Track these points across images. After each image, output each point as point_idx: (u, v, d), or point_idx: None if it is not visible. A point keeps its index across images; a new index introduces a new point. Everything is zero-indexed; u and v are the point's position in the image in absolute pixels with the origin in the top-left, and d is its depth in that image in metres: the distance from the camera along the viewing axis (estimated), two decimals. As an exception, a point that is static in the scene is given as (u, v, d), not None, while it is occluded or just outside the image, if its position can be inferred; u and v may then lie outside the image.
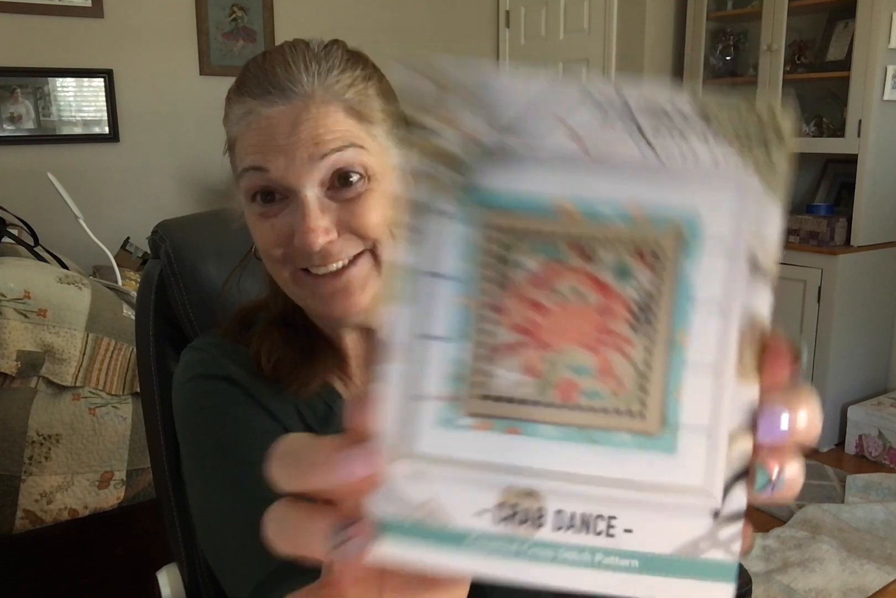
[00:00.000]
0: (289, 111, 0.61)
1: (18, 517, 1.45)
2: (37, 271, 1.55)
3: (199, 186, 3.31)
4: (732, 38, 3.18)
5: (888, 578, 1.99)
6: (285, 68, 0.62)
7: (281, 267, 0.64)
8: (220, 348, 0.71)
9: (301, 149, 0.60)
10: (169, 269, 0.87)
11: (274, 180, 0.61)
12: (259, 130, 0.61)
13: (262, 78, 0.62)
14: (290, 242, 0.61)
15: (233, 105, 0.65)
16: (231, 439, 0.63)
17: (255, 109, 0.62)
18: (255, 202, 0.63)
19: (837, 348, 2.75)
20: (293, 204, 0.61)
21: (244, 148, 0.63)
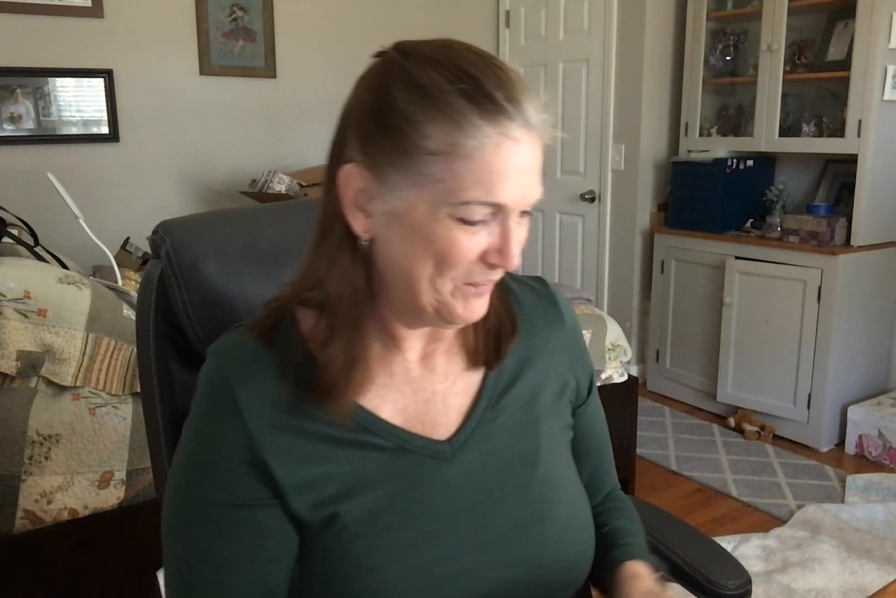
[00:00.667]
0: (529, 139, 0.63)
1: (18, 517, 1.45)
2: (37, 271, 1.55)
3: (199, 186, 3.32)
4: (732, 38, 3.19)
5: (888, 578, 1.99)
6: (526, 95, 0.63)
7: (448, 280, 0.66)
8: (241, 359, 0.70)
9: (531, 189, 0.65)
10: (170, 269, 0.86)
11: (499, 210, 0.64)
12: (510, 155, 0.62)
13: (510, 99, 0.62)
14: (482, 259, 0.65)
15: (473, 118, 0.61)
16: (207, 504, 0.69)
17: (512, 133, 0.62)
18: (463, 223, 0.64)
19: (837, 348, 2.75)
20: (494, 226, 0.65)
21: (484, 173, 0.62)
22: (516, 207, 0.64)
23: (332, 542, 0.68)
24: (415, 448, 0.72)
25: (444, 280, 0.66)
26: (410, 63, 0.63)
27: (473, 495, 0.73)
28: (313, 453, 0.69)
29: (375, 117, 0.64)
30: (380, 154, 0.64)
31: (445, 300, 0.67)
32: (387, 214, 0.65)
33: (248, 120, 3.37)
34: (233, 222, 0.95)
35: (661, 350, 3.36)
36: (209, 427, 0.69)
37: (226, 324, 0.87)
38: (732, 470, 2.66)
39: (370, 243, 0.68)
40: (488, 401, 0.77)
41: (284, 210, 1.05)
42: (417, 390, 0.74)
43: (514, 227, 0.65)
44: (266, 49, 3.34)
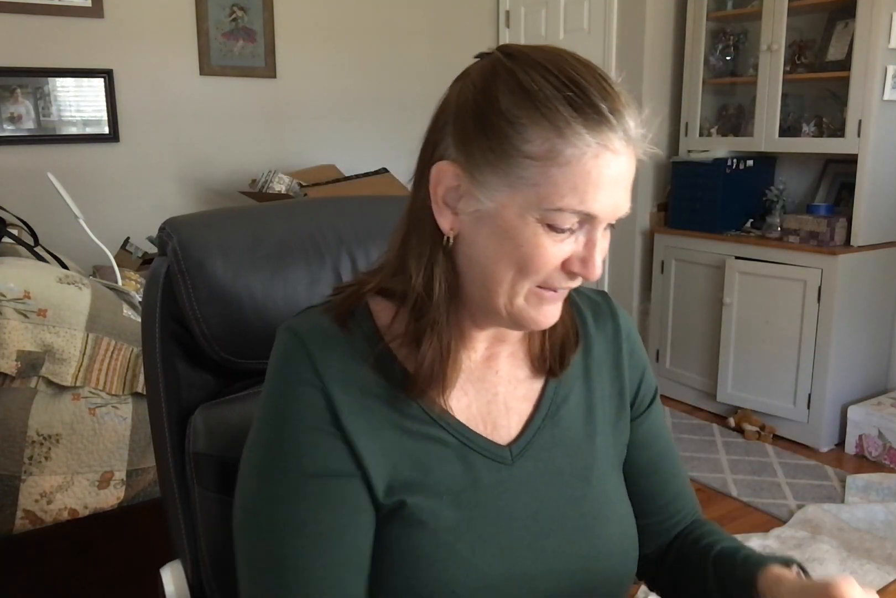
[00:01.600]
0: (627, 152, 0.64)
1: (18, 517, 1.45)
2: (37, 271, 1.55)
3: (199, 186, 3.31)
4: (732, 39, 3.19)
5: (888, 578, 1.99)
6: (625, 106, 0.64)
7: (528, 283, 0.67)
8: (318, 338, 0.71)
9: (622, 202, 0.65)
10: (176, 266, 0.86)
11: (588, 219, 0.65)
12: (607, 166, 0.63)
13: (613, 109, 0.62)
14: (564, 265, 0.66)
15: (576, 126, 0.61)
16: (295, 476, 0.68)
17: (612, 146, 0.62)
18: (551, 229, 0.65)
19: (837, 348, 2.75)
20: (578, 234, 0.66)
21: (581, 182, 0.62)
22: (605, 219, 0.65)
23: (398, 531, 0.69)
24: (477, 448, 0.72)
25: (523, 284, 0.66)
26: (517, 66, 0.64)
27: (530, 504, 0.73)
28: (385, 438, 0.69)
29: (476, 116, 0.64)
30: (477, 153, 0.64)
31: (520, 304, 0.68)
32: (476, 213, 0.66)
33: (248, 120, 3.36)
34: (239, 220, 0.95)
35: (661, 350, 3.36)
36: (290, 398, 0.69)
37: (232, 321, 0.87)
38: (732, 470, 2.66)
39: (455, 241, 0.69)
40: (548, 410, 0.77)
41: (291, 208, 1.05)
42: (480, 390, 0.75)
43: (600, 238, 0.66)
44: (266, 49, 3.34)
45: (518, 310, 0.68)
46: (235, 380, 0.93)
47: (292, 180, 3.09)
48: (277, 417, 0.69)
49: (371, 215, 1.01)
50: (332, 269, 0.93)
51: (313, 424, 0.68)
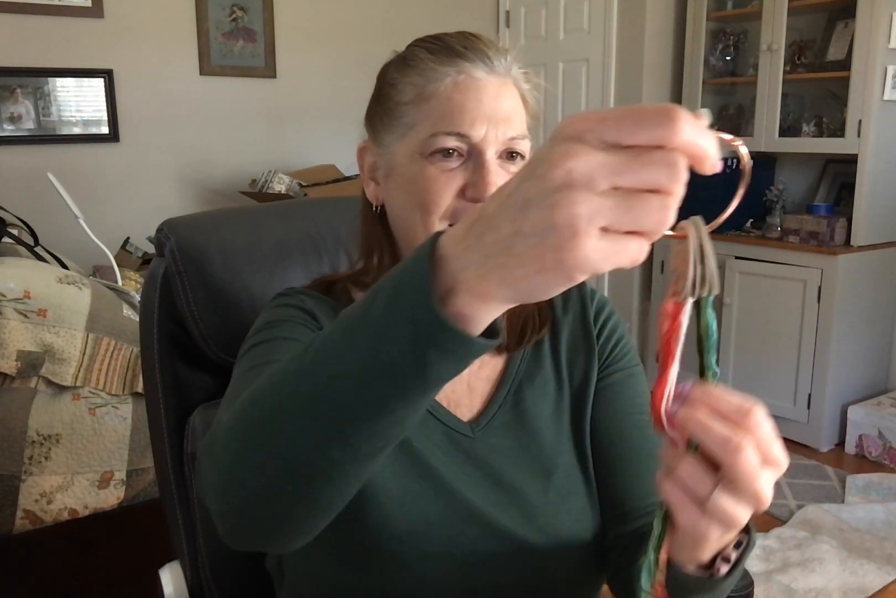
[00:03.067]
0: (494, 81, 0.69)
1: (18, 517, 1.45)
2: (37, 271, 1.55)
3: (199, 186, 3.32)
4: (732, 39, 3.19)
5: (888, 578, 1.99)
6: (487, 46, 0.70)
7: (437, 221, 0.68)
8: (310, 296, 0.76)
9: (500, 122, 0.68)
10: (174, 267, 0.86)
11: (467, 143, 0.68)
12: (467, 90, 0.68)
13: (468, 47, 0.69)
14: (461, 195, 0.68)
15: (431, 63, 0.69)
16: (269, 340, 0.69)
17: (467, 70, 0.68)
18: (433, 157, 0.68)
19: (837, 348, 2.75)
20: (471, 163, 0.68)
21: (446, 107, 0.68)
22: (488, 143, 0.67)
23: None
24: (442, 418, 0.75)
25: (432, 222, 0.68)
26: (404, 49, 0.74)
27: (490, 475, 0.74)
28: None
29: (374, 95, 0.75)
30: (376, 122, 0.73)
31: None
32: (385, 173, 0.73)
33: (248, 120, 3.37)
34: (237, 221, 0.95)
35: (661, 350, 3.35)
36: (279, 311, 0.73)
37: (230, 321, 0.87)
38: (732, 470, 2.66)
39: (383, 209, 0.74)
40: (509, 388, 0.78)
41: (289, 209, 1.06)
42: None
43: (492, 164, 0.67)
44: (266, 49, 3.34)
45: None
46: (234, 380, 0.93)
47: (292, 180, 3.09)
48: (266, 322, 0.72)
49: (370, 216, 1.01)
50: (330, 269, 0.93)
51: (297, 320, 0.71)
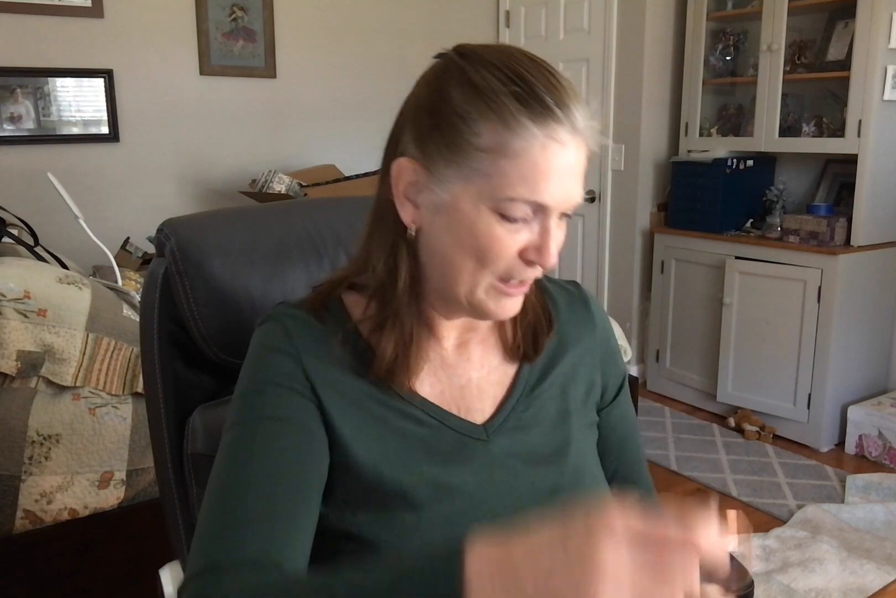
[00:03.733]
0: (575, 143, 0.66)
1: (18, 517, 1.45)
2: (37, 271, 1.55)
3: (199, 186, 3.31)
4: (732, 38, 3.19)
5: (888, 578, 1.99)
6: (572, 98, 0.66)
7: (489, 275, 0.69)
8: (296, 321, 0.74)
9: (573, 192, 0.67)
10: (174, 267, 0.86)
11: (541, 209, 0.66)
12: (555, 157, 0.65)
13: (559, 102, 0.65)
14: (521, 255, 0.68)
15: (523, 119, 0.64)
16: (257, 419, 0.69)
17: (559, 137, 0.65)
18: (504, 219, 0.66)
19: (837, 348, 2.75)
20: (535, 225, 0.67)
21: (531, 172, 0.65)
22: (557, 208, 0.67)
23: (377, 489, 0.70)
24: (454, 426, 0.75)
25: (483, 274, 0.69)
26: (467, 64, 0.67)
27: (507, 479, 0.75)
28: (358, 414, 0.72)
29: (431, 114, 0.68)
30: (433, 148, 0.68)
31: (480, 296, 0.70)
32: (434, 206, 0.69)
33: (248, 120, 3.36)
34: (237, 221, 0.95)
35: (661, 350, 3.36)
36: (266, 362, 0.72)
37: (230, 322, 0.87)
38: (732, 470, 2.66)
39: (416, 234, 0.71)
40: (522, 392, 0.79)
41: (288, 209, 1.05)
42: (453, 376, 0.77)
43: (554, 227, 0.68)
44: (266, 49, 3.34)
45: (478, 301, 0.70)
46: (234, 381, 0.92)
47: (292, 180, 3.09)
48: (253, 378, 0.72)
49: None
50: (330, 269, 0.93)
51: (287, 383, 0.71)
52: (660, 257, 3.30)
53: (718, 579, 0.48)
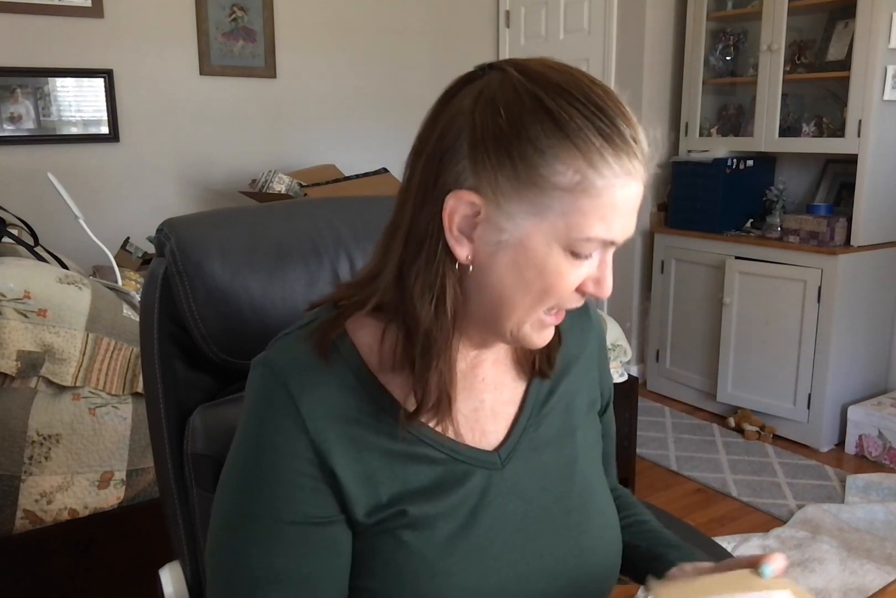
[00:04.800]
0: (639, 192, 0.64)
1: (18, 517, 1.45)
2: (37, 271, 1.55)
3: (199, 186, 3.32)
4: (732, 38, 3.19)
5: (888, 578, 1.99)
6: (639, 136, 0.63)
7: (541, 309, 0.66)
8: (298, 370, 0.68)
9: (633, 225, 0.65)
10: (174, 267, 0.86)
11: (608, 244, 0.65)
12: (628, 199, 0.63)
13: (637, 140, 0.63)
14: (579, 287, 0.66)
15: (609, 158, 0.61)
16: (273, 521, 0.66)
17: (637, 174, 0.63)
18: (577, 256, 0.65)
19: (837, 348, 2.75)
20: (592, 259, 0.65)
21: (609, 212, 0.62)
22: (622, 243, 0.66)
23: (392, 547, 0.68)
24: (466, 460, 0.72)
25: (537, 310, 0.66)
26: (539, 89, 0.61)
27: (522, 506, 0.73)
28: (373, 465, 0.68)
29: (501, 143, 0.61)
30: (502, 181, 0.61)
31: (526, 330, 0.68)
32: (497, 242, 0.63)
33: (248, 120, 3.37)
34: (237, 220, 0.95)
35: (661, 350, 3.36)
36: (268, 438, 0.66)
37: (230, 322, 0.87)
38: (732, 470, 2.66)
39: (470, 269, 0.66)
40: (532, 409, 0.77)
41: (289, 209, 1.05)
42: (467, 399, 0.74)
43: (610, 258, 0.67)
44: (266, 49, 3.35)
45: (523, 335, 0.68)
46: (234, 381, 0.93)
47: (292, 180, 3.09)
48: (255, 455, 0.67)
49: (370, 216, 1.01)
50: (330, 269, 0.93)
51: (294, 469, 0.65)
52: (660, 257, 3.30)
53: None
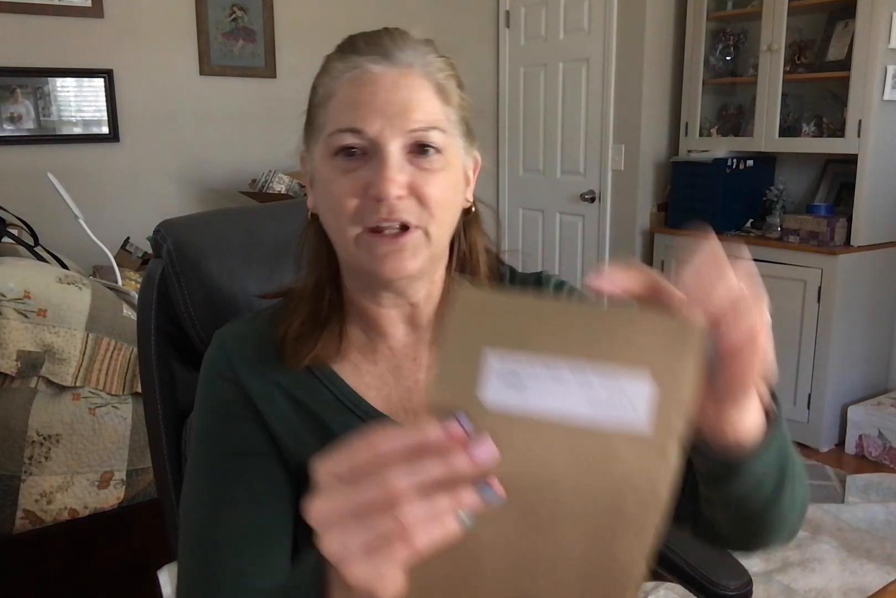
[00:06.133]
0: (392, 72, 0.67)
1: (18, 517, 1.45)
2: (37, 271, 1.55)
3: (199, 186, 3.32)
4: (732, 38, 3.19)
5: (888, 578, 1.99)
6: (391, 40, 0.69)
7: (348, 225, 0.67)
8: (241, 338, 0.75)
9: (397, 115, 0.66)
10: (171, 268, 0.87)
11: (365, 139, 0.66)
12: (361, 85, 0.66)
13: (369, 42, 0.68)
14: (366, 194, 0.66)
15: (334, 62, 0.69)
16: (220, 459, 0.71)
17: (362, 65, 0.67)
18: (337, 157, 0.67)
19: (837, 348, 2.75)
20: (374, 160, 0.66)
21: (342, 104, 0.67)
22: (385, 137, 0.65)
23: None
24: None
25: (344, 226, 0.67)
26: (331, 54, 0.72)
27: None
28: (300, 427, 0.72)
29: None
30: (306, 129, 0.73)
31: (354, 251, 0.68)
32: (310, 180, 0.72)
33: (248, 120, 3.36)
34: (234, 221, 0.95)
35: (661, 350, 3.35)
36: (210, 390, 0.74)
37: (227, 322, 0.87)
38: (732, 470, 2.66)
39: (315, 216, 0.73)
40: None
41: (285, 209, 1.06)
42: (400, 379, 0.75)
43: (393, 158, 0.65)
44: (266, 49, 3.34)
45: (356, 258, 0.69)
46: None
47: (292, 180, 3.09)
48: (202, 409, 0.74)
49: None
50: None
51: (229, 410, 0.72)
52: (660, 257, 3.30)
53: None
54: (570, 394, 0.39)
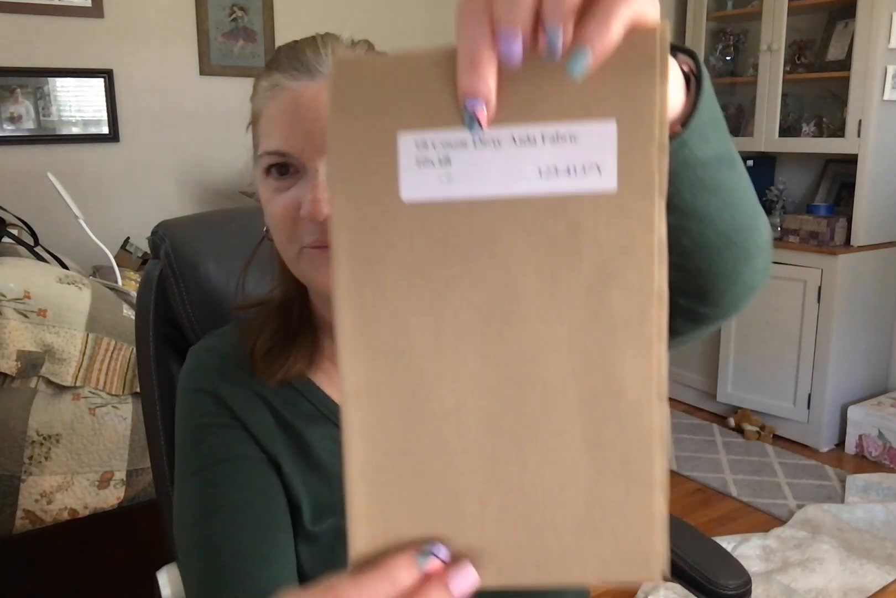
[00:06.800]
0: (311, 87, 0.63)
1: (18, 517, 1.45)
2: (37, 271, 1.55)
3: (199, 186, 3.32)
4: (732, 38, 3.19)
5: (888, 578, 1.99)
6: (314, 51, 0.65)
7: (288, 244, 0.66)
8: (216, 353, 0.74)
9: (318, 132, 0.62)
10: (169, 269, 0.87)
11: (291, 159, 0.64)
12: (282, 102, 0.64)
13: (290, 56, 0.65)
14: (298, 214, 0.64)
15: (260, 80, 0.67)
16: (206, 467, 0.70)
17: (281, 83, 0.64)
18: (269, 177, 0.66)
19: (837, 348, 2.75)
20: (303, 179, 0.64)
21: (267, 125, 0.65)
22: (309, 156, 0.62)
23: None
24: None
25: (284, 245, 0.66)
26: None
27: None
28: (280, 439, 0.71)
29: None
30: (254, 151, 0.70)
31: (301, 267, 0.67)
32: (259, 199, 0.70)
33: (248, 120, 3.36)
34: (232, 222, 0.95)
35: (661, 350, 3.35)
36: (192, 408, 0.73)
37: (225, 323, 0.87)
38: (732, 470, 2.66)
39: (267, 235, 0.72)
40: None
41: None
42: None
43: (321, 176, 0.62)
44: (266, 49, 3.34)
45: (301, 272, 0.67)
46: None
47: (292, 180, 3.09)
48: (182, 424, 0.74)
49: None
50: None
51: (217, 421, 0.71)
52: (660, 257, 3.30)
53: None
54: (516, 170, 0.32)
